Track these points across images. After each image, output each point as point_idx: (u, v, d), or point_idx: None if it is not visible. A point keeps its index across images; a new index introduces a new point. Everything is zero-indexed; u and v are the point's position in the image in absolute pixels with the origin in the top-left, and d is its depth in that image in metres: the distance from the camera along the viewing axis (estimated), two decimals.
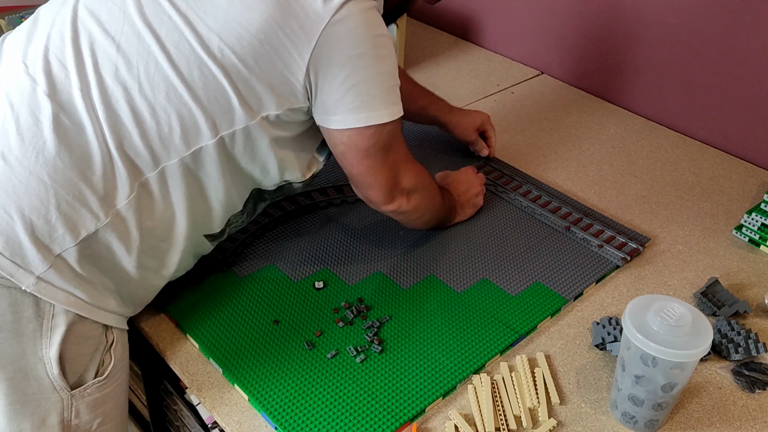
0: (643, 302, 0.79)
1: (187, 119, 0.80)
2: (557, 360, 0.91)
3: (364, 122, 0.87)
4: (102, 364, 0.84)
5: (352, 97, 0.85)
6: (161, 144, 0.80)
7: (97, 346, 0.83)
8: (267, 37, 0.80)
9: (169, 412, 1.10)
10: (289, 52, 0.81)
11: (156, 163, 0.81)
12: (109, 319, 0.83)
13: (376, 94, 0.86)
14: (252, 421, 0.82)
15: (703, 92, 1.35)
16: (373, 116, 0.87)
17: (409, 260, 1.04)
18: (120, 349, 0.86)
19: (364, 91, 0.85)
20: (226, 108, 0.82)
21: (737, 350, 0.91)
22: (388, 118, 0.88)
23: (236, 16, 0.80)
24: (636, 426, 0.82)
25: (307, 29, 0.81)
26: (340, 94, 0.84)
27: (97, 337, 0.83)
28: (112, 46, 0.80)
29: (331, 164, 1.24)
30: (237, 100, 0.81)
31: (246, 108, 0.82)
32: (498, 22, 1.67)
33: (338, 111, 0.86)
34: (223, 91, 0.81)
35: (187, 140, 0.81)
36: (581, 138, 1.37)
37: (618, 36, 1.44)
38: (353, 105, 0.85)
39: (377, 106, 0.87)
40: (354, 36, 0.82)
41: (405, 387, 0.85)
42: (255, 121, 0.83)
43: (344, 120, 0.86)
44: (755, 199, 1.21)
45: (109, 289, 0.83)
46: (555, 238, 1.09)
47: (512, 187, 1.20)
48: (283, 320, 0.94)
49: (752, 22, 1.24)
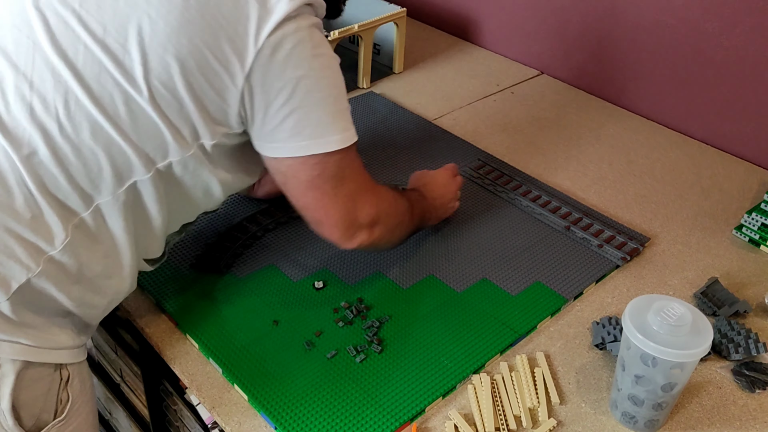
0: (643, 302, 0.79)
1: (117, 157, 0.74)
2: (557, 360, 0.91)
3: (305, 151, 0.80)
4: (60, 402, 0.79)
5: (291, 124, 0.78)
6: (91, 184, 0.74)
7: (50, 386, 0.78)
8: (197, 64, 0.74)
9: (169, 412, 1.10)
10: (221, 78, 0.76)
11: (88, 202, 0.75)
12: (61, 357, 0.79)
13: (319, 119, 0.80)
14: (252, 421, 0.82)
15: (703, 92, 1.35)
16: (316, 144, 0.80)
17: (409, 260, 1.04)
18: (78, 385, 0.82)
19: (305, 116, 0.79)
20: (159, 141, 0.76)
21: (737, 350, 0.91)
22: (336, 145, 0.81)
23: (162, 42, 0.73)
24: (636, 426, 0.82)
25: (239, 53, 0.75)
26: (278, 121, 0.78)
27: (49, 377, 0.78)
28: (24, 83, 0.72)
29: None
30: (169, 133, 0.76)
31: (179, 139, 0.77)
32: (498, 22, 1.67)
33: (276, 138, 0.79)
34: (153, 124, 0.75)
35: (119, 177, 0.75)
36: (581, 138, 1.37)
37: (618, 36, 1.44)
38: (292, 132, 0.79)
39: (321, 133, 0.80)
40: (292, 57, 0.77)
41: (405, 387, 0.85)
42: (191, 153, 0.78)
43: (282, 148, 0.80)
44: (755, 199, 1.21)
45: (56, 326, 0.78)
46: (555, 238, 1.09)
47: (512, 187, 1.20)
48: (283, 320, 0.94)
49: (752, 22, 1.24)
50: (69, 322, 0.80)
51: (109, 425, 1.37)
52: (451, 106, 1.46)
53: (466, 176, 1.22)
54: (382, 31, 1.55)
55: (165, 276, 0.99)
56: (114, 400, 1.24)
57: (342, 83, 0.84)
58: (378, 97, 1.47)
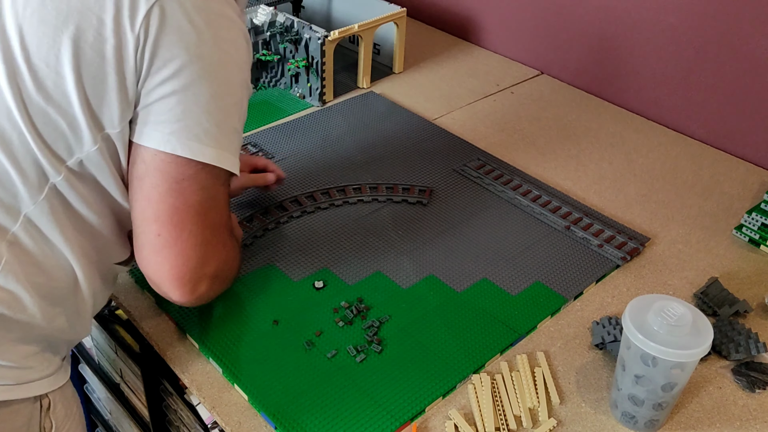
0: (643, 302, 0.79)
1: (23, 162, 0.69)
2: (557, 360, 0.91)
3: (171, 148, 0.70)
4: (43, 430, 0.77)
5: (169, 107, 0.70)
6: (9, 194, 0.70)
7: (30, 417, 0.75)
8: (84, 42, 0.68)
9: (169, 412, 1.10)
10: (108, 48, 0.68)
11: (15, 215, 0.70)
12: (41, 388, 0.75)
13: (200, 121, 0.71)
14: (252, 421, 0.82)
15: (703, 92, 1.35)
16: (189, 148, 0.70)
17: (409, 260, 1.04)
18: (61, 410, 0.79)
19: (186, 107, 0.70)
20: (60, 136, 0.70)
21: (737, 350, 0.91)
22: (207, 159, 0.71)
23: (41, 36, 0.67)
24: (636, 426, 0.82)
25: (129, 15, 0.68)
26: (156, 97, 0.70)
27: (26, 408, 0.75)
28: None
29: (332, 166, 1.24)
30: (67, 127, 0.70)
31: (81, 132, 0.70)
32: (498, 22, 1.67)
33: (147, 120, 0.71)
34: (50, 120, 0.69)
35: (33, 184, 0.70)
36: (581, 137, 1.37)
37: (618, 36, 1.44)
38: (168, 117, 0.70)
39: (200, 138, 0.70)
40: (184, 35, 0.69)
41: (405, 387, 0.85)
42: (97, 146, 0.72)
43: (152, 135, 0.70)
44: (755, 199, 1.21)
45: (29, 358, 0.74)
46: (555, 238, 1.09)
47: (512, 186, 1.20)
48: (283, 320, 0.94)
49: (752, 22, 1.24)
50: (39, 348, 0.75)
51: (109, 425, 1.37)
52: (451, 106, 1.46)
53: (467, 176, 1.22)
54: (382, 31, 1.55)
55: None
56: (114, 400, 1.24)
57: (243, 99, 0.74)
58: (378, 97, 1.47)
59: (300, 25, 1.39)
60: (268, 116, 1.38)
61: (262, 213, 1.11)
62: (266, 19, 1.42)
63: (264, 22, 1.42)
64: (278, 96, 1.46)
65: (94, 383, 1.32)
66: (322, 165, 1.24)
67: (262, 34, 1.43)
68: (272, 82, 1.49)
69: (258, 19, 1.43)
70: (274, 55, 1.44)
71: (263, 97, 1.46)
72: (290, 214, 1.12)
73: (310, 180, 1.20)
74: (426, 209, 1.14)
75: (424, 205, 1.15)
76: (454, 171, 1.24)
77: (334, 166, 1.24)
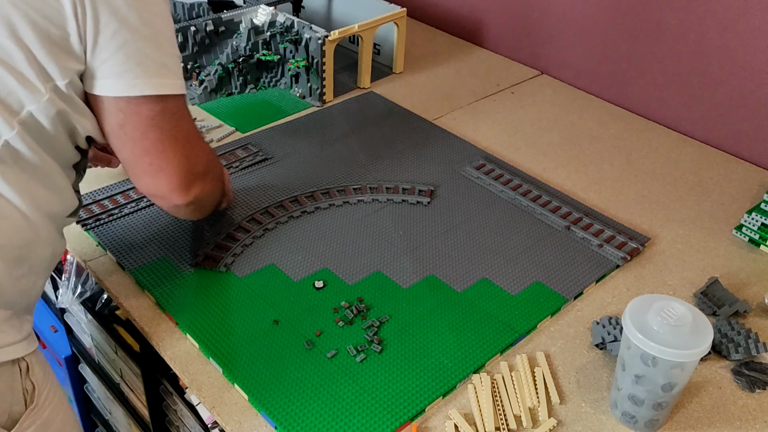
0: (643, 302, 0.79)
1: None
2: (557, 359, 0.91)
3: (140, 91, 0.78)
4: (26, 392, 0.79)
5: (122, 59, 0.76)
6: None
7: (12, 379, 0.78)
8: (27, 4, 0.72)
9: (169, 412, 1.10)
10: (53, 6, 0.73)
11: None
12: (11, 353, 0.77)
13: (152, 59, 0.78)
14: (252, 421, 0.82)
15: (703, 92, 1.35)
16: (151, 85, 0.78)
17: (409, 260, 1.04)
18: (39, 372, 0.81)
19: (137, 53, 0.77)
20: (9, 91, 0.74)
21: (737, 350, 0.91)
22: (172, 90, 0.80)
23: None
24: (636, 426, 0.82)
25: None
26: (109, 53, 0.76)
27: (7, 372, 0.77)
28: None
29: (332, 166, 1.24)
30: (14, 80, 0.73)
31: (28, 85, 0.74)
32: (498, 22, 1.67)
33: (109, 74, 0.77)
34: None
35: None
36: (581, 138, 1.37)
37: (618, 36, 1.44)
38: (125, 68, 0.76)
39: (156, 74, 0.78)
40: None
41: (405, 386, 0.85)
42: (46, 98, 0.75)
43: (116, 85, 0.77)
44: (755, 199, 1.21)
45: (1, 323, 0.77)
46: (555, 238, 1.09)
47: (512, 186, 1.20)
48: (283, 320, 0.94)
49: (752, 23, 1.24)
50: (7, 315, 0.78)
51: (109, 425, 1.37)
52: (451, 106, 1.46)
53: (467, 176, 1.22)
54: (382, 31, 1.55)
55: (165, 276, 0.99)
56: (114, 400, 1.24)
57: (172, 28, 0.82)
58: (378, 97, 1.47)
59: (300, 25, 1.39)
60: (268, 116, 1.38)
61: (262, 213, 1.11)
62: (266, 19, 1.42)
63: (264, 22, 1.42)
64: (278, 96, 1.46)
65: (94, 383, 1.32)
66: (322, 165, 1.24)
67: (262, 34, 1.43)
68: (272, 82, 1.49)
69: (258, 19, 1.43)
70: (274, 55, 1.44)
71: (263, 97, 1.46)
72: (290, 214, 1.12)
73: (310, 180, 1.20)
74: (426, 209, 1.15)
75: (424, 205, 1.15)
76: (454, 171, 1.24)
77: (334, 166, 1.24)
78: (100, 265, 1.03)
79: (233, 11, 1.44)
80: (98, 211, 1.10)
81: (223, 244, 1.05)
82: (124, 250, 1.03)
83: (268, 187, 1.17)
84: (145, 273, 1.00)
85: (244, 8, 1.46)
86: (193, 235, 1.07)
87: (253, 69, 1.45)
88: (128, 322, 1.01)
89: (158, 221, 1.09)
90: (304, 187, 1.18)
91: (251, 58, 1.43)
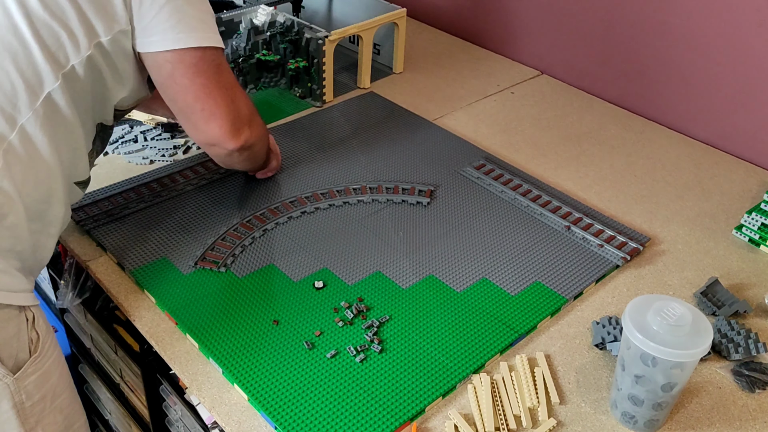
0: (643, 302, 0.79)
1: (26, 69, 0.80)
2: (557, 360, 0.91)
3: (184, 44, 0.88)
4: (32, 341, 0.84)
5: (166, 16, 0.86)
6: (10, 104, 0.79)
7: (19, 326, 0.83)
8: None
9: (169, 412, 1.10)
10: None
11: (12, 124, 0.79)
12: (21, 299, 0.83)
13: (192, 16, 0.88)
14: (252, 421, 0.82)
15: (704, 92, 1.35)
16: (193, 38, 0.88)
17: (409, 260, 1.04)
18: (43, 324, 0.87)
19: (179, 11, 0.87)
20: (57, 44, 0.82)
21: (737, 350, 0.91)
22: (211, 42, 0.90)
23: None
24: (636, 426, 0.82)
25: None
26: (154, 13, 0.86)
27: (16, 318, 0.82)
28: None
29: (332, 166, 1.24)
30: (65, 33, 0.82)
31: (75, 40, 0.83)
32: (498, 22, 1.67)
33: (154, 31, 0.87)
34: (48, 27, 0.81)
35: (33, 90, 0.80)
36: (581, 138, 1.37)
37: (618, 36, 1.44)
38: (169, 24, 0.87)
39: (196, 28, 0.88)
40: None
41: (405, 386, 0.85)
42: (89, 53, 0.84)
43: (162, 41, 0.87)
44: (755, 199, 1.21)
45: (13, 268, 0.82)
46: (555, 238, 1.09)
47: (512, 186, 1.20)
48: (283, 320, 0.94)
49: (752, 22, 1.24)
50: (19, 266, 0.83)
51: (109, 425, 1.37)
52: (451, 106, 1.46)
53: (467, 176, 1.22)
54: (382, 31, 1.55)
55: (165, 276, 0.99)
56: (114, 400, 1.24)
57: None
58: (378, 97, 1.47)
59: (300, 25, 1.39)
60: (268, 116, 1.38)
61: (262, 213, 1.12)
62: (266, 19, 1.42)
63: (264, 22, 1.42)
64: (278, 96, 1.46)
65: (94, 383, 1.32)
66: (322, 165, 1.24)
67: (262, 34, 1.43)
68: (272, 82, 1.49)
69: (258, 19, 1.43)
70: (274, 55, 1.44)
71: (263, 97, 1.46)
72: (290, 214, 1.12)
73: (310, 180, 1.20)
74: (426, 209, 1.15)
75: (424, 205, 1.15)
76: (454, 171, 1.24)
77: (334, 166, 1.24)
78: (100, 265, 1.03)
79: (233, 11, 1.44)
80: (98, 211, 1.10)
81: (223, 244, 1.05)
82: (124, 250, 1.03)
83: (267, 188, 1.17)
84: (145, 273, 1.00)
85: (244, 8, 1.46)
86: (193, 235, 1.07)
87: (253, 69, 1.45)
88: (128, 322, 1.01)
89: (158, 221, 1.09)
90: (303, 188, 1.18)
91: (251, 58, 1.43)
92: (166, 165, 1.23)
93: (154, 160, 1.24)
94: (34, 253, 0.86)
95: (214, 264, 1.02)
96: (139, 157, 1.24)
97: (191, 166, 1.21)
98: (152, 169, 1.22)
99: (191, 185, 1.17)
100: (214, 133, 0.93)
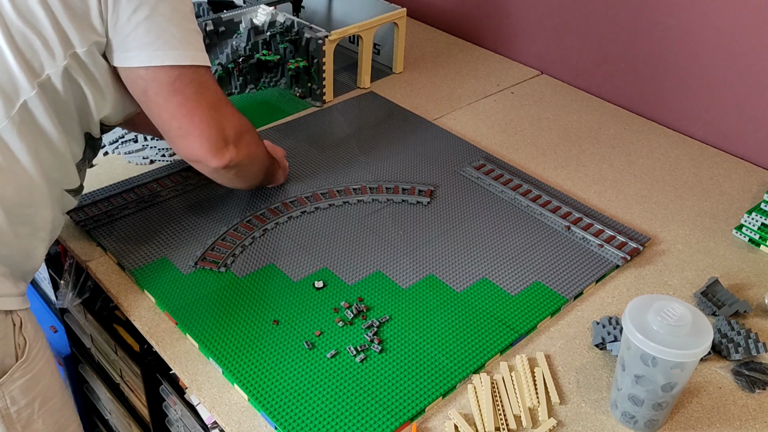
0: (643, 302, 0.79)
1: (1, 76, 0.79)
2: (557, 360, 0.91)
3: (160, 61, 0.85)
4: (18, 347, 0.83)
5: (143, 32, 0.84)
6: None
7: (5, 331, 0.82)
8: None
9: (169, 412, 1.10)
10: None
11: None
12: (6, 304, 0.82)
13: (172, 33, 0.85)
14: (252, 421, 0.82)
15: (703, 92, 1.35)
16: (170, 56, 0.85)
17: (409, 260, 1.04)
18: (31, 329, 0.86)
19: (157, 27, 0.84)
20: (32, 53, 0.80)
21: (737, 350, 0.91)
22: (190, 61, 0.86)
23: None
24: (636, 426, 0.82)
25: None
26: (131, 28, 0.83)
27: (2, 323, 0.82)
28: None
29: (332, 166, 1.24)
30: (40, 43, 0.80)
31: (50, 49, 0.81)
32: (498, 22, 1.67)
33: (130, 47, 0.84)
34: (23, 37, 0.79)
35: (8, 98, 0.79)
36: (581, 138, 1.37)
37: (617, 36, 1.44)
38: (146, 40, 0.84)
39: (175, 46, 0.85)
40: None
41: (405, 386, 0.85)
42: (65, 63, 0.82)
43: (137, 57, 0.84)
44: (755, 199, 1.21)
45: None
46: (555, 238, 1.09)
47: (512, 186, 1.20)
48: (283, 320, 0.94)
49: (752, 22, 1.24)
50: (4, 270, 0.83)
51: (108, 425, 1.37)
52: (451, 106, 1.46)
53: (467, 176, 1.22)
54: (382, 31, 1.55)
55: (165, 276, 0.99)
56: (114, 400, 1.24)
57: (189, 5, 0.89)
58: (378, 97, 1.47)
59: (300, 25, 1.39)
60: (268, 116, 1.38)
61: (262, 213, 1.12)
62: (266, 19, 1.42)
63: (264, 22, 1.42)
64: (278, 96, 1.46)
65: (94, 383, 1.32)
66: (322, 165, 1.24)
67: (262, 34, 1.43)
68: (272, 82, 1.49)
69: (258, 19, 1.43)
70: (274, 55, 1.44)
71: (263, 97, 1.46)
72: (290, 214, 1.12)
73: (310, 180, 1.20)
74: (426, 209, 1.15)
75: (424, 205, 1.15)
76: (454, 171, 1.24)
77: (334, 166, 1.24)
78: (100, 265, 1.03)
79: (233, 11, 1.44)
80: (98, 212, 1.10)
81: (223, 244, 1.05)
82: (124, 250, 1.03)
83: (267, 188, 1.17)
84: (145, 273, 1.00)
85: (244, 8, 1.46)
86: (193, 235, 1.07)
87: (253, 69, 1.45)
88: (128, 322, 1.01)
89: (158, 221, 1.09)
90: (303, 188, 1.18)
91: (251, 58, 1.43)
92: (166, 165, 1.23)
93: (154, 160, 1.24)
94: (24, 257, 0.85)
95: (214, 264, 1.02)
96: (139, 157, 1.24)
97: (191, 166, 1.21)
98: (152, 169, 1.22)
99: (191, 185, 1.17)
100: (193, 151, 0.91)
